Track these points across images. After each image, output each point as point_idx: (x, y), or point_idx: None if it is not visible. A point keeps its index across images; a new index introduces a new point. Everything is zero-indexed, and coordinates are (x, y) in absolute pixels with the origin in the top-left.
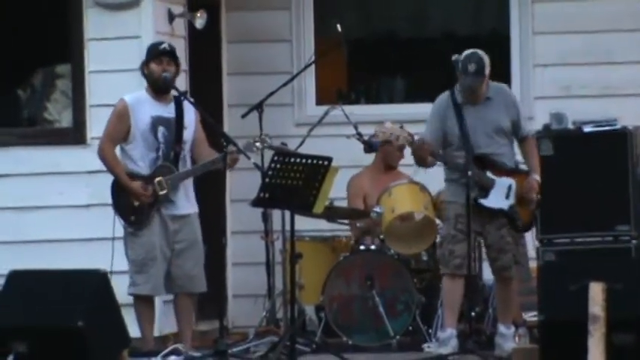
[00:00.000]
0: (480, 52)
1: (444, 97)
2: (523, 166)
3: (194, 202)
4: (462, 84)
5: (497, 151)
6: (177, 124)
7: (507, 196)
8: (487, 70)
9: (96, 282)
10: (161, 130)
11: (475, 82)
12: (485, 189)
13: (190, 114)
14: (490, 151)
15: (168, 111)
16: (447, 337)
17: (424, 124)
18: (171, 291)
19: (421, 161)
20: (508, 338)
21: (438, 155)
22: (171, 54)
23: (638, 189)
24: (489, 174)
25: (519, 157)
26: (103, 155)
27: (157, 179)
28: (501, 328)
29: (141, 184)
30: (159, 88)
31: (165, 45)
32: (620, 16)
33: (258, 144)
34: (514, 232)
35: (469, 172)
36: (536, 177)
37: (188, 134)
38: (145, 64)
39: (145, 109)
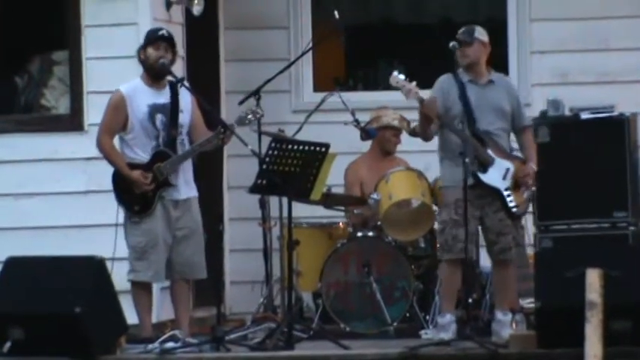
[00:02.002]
0: (479, 27)
1: (447, 76)
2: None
3: (193, 186)
4: (455, 47)
5: (498, 132)
6: (172, 108)
7: (504, 178)
8: (479, 37)
9: (93, 268)
10: (159, 117)
11: (461, 37)
12: (484, 165)
13: (186, 98)
14: (493, 130)
15: (163, 97)
16: (447, 322)
17: None
18: (171, 277)
19: (427, 120)
20: (505, 325)
21: (443, 118)
22: (169, 40)
23: (636, 175)
24: (489, 151)
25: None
26: (102, 147)
27: (156, 165)
28: (499, 315)
29: (141, 172)
30: (155, 74)
31: (163, 31)
32: (616, 2)
33: (250, 116)
34: (510, 216)
35: (467, 144)
36: (534, 166)
37: (184, 118)
38: (142, 49)
39: (142, 98)
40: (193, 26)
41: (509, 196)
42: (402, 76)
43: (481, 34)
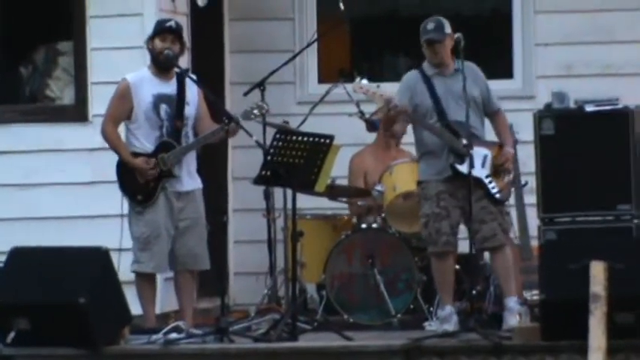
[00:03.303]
0: (440, 17)
1: (413, 72)
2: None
3: (197, 179)
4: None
5: (473, 122)
6: (178, 100)
7: (483, 166)
8: (447, 31)
9: (97, 259)
10: (163, 107)
11: (434, 36)
12: (461, 156)
13: (193, 90)
14: (463, 120)
15: (170, 88)
16: (447, 314)
17: None
18: (175, 268)
19: (390, 122)
20: (514, 313)
21: (413, 116)
22: (175, 32)
23: None
24: (464, 142)
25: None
26: (106, 135)
27: (160, 155)
28: (509, 303)
29: (143, 159)
30: (160, 65)
31: (171, 23)
32: None
33: (256, 111)
34: (494, 203)
35: (441, 137)
36: (510, 149)
37: (190, 110)
38: (150, 39)
39: (147, 87)
40: (198, 17)
41: (490, 182)
42: (365, 81)
43: (448, 27)
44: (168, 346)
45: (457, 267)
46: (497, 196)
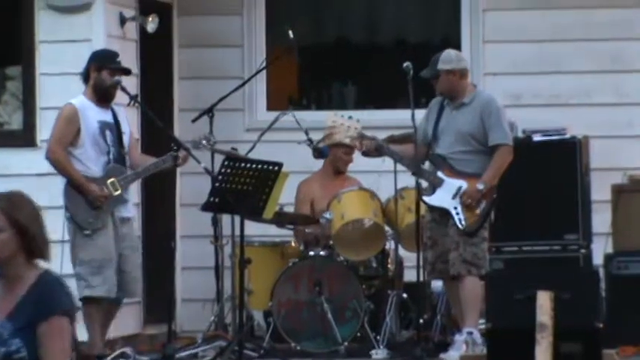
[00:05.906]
0: (450, 51)
1: (437, 99)
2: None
3: (133, 206)
4: (409, 68)
5: (457, 156)
6: (117, 129)
7: (454, 197)
8: (443, 67)
9: None
10: (108, 134)
11: (423, 73)
12: (434, 187)
13: (125, 120)
14: (448, 154)
15: (108, 116)
16: (455, 340)
17: (375, 130)
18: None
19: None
20: (455, 346)
21: (384, 149)
22: (127, 73)
23: (587, 198)
24: (440, 173)
25: None
26: (57, 158)
27: (110, 180)
28: (456, 335)
29: (99, 187)
30: (108, 95)
31: (120, 59)
32: (569, 25)
33: (204, 142)
34: (459, 233)
35: (413, 169)
36: (479, 185)
37: (126, 139)
38: (95, 69)
39: (91, 114)
40: (147, 43)
41: (457, 213)
42: (340, 116)
43: (446, 62)
44: None
45: (404, 295)
46: (460, 227)
